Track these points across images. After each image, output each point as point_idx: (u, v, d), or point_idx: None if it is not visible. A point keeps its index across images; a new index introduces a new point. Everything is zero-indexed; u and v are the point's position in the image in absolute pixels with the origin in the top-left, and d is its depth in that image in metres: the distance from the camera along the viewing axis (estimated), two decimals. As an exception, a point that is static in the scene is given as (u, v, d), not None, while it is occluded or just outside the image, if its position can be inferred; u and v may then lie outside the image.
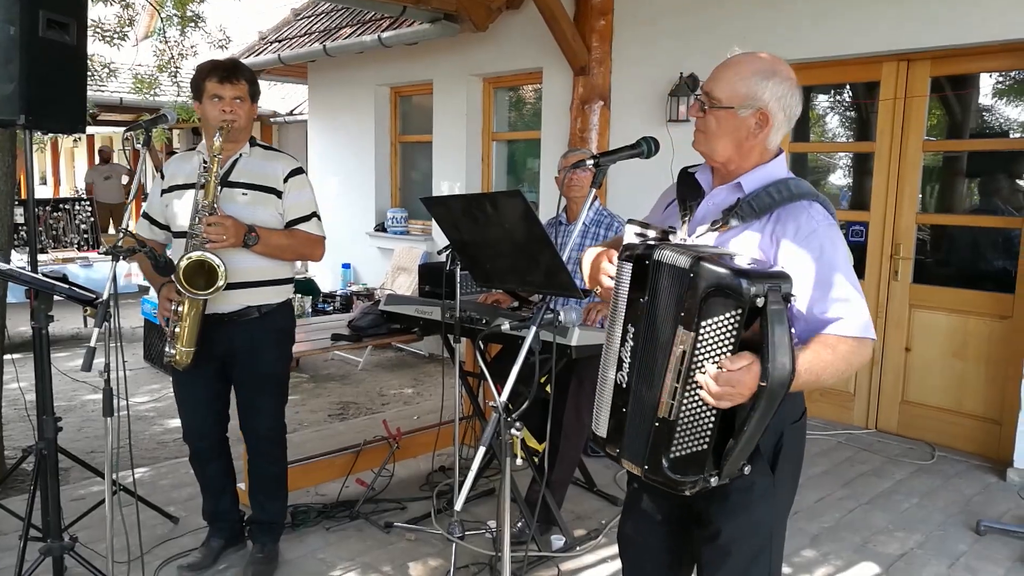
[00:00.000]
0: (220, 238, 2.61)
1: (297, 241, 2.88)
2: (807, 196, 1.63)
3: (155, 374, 6.23)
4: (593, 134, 5.58)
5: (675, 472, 1.53)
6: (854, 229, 4.88)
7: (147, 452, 4.50)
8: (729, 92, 1.64)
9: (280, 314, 2.95)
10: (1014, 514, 3.69)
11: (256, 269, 2.81)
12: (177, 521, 3.44)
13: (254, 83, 2.83)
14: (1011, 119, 4.58)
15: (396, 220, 7.55)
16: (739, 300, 1.40)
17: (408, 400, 5.70)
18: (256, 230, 2.71)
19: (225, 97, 2.71)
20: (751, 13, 4.83)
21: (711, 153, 1.70)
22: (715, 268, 1.43)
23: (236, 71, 2.76)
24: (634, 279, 1.56)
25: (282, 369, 3.02)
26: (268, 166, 2.85)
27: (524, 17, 6.00)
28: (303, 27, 8.37)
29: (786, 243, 1.59)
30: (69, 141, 15.98)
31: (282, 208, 2.86)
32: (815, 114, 5.38)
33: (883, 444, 4.59)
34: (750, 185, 1.66)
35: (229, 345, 2.84)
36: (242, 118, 2.75)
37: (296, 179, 2.88)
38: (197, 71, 2.79)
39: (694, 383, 1.47)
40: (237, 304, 2.82)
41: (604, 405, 1.65)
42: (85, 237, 8.78)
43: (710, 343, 1.45)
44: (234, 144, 2.81)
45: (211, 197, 2.63)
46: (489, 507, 3.65)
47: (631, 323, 1.57)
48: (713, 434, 1.50)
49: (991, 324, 4.36)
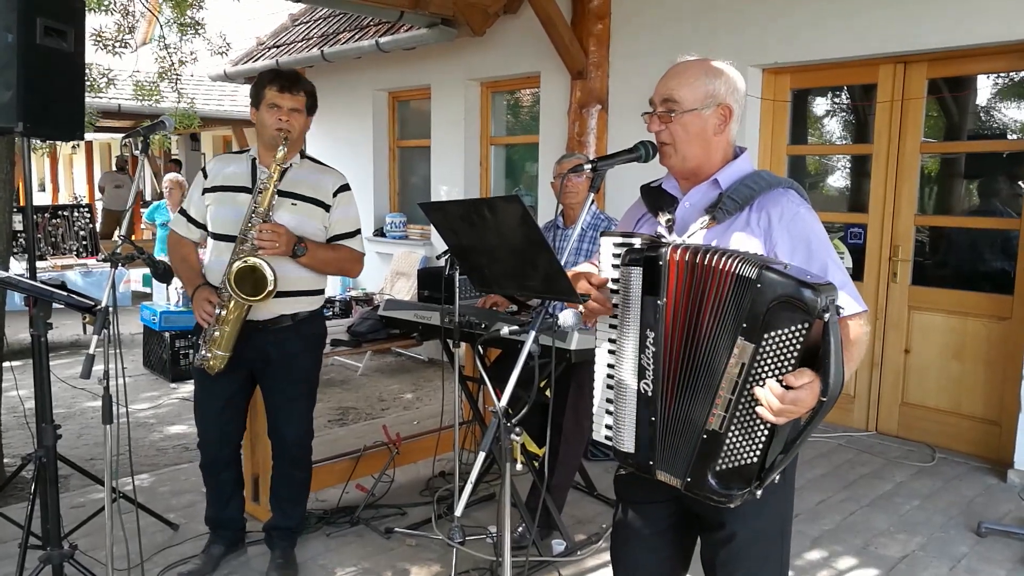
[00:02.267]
0: (273, 245, 2.63)
1: (341, 256, 2.91)
2: (782, 183, 1.70)
3: (154, 380, 6.23)
4: (591, 138, 5.59)
5: (721, 485, 1.50)
6: (853, 231, 4.88)
7: (147, 459, 4.49)
8: (690, 95, 1.68)
9: (313, 321, 2.96)
10: (1015, 515, 3.69)
11: (297, 279, 2.82)
12: (177, 528, 3.43)
13: (312, 96, 2.86)
14: (1008, 120, 4.59)
15: (395, 225, 7.56)
16: (807, 313, 1.37)
17: (408, 405, 5.70)
18: (305, 242, 2.73)
19: (283, 107, 2.74)
20: (747, 17, 4.84)
21: (682, 162, 1.72)
22: (783, 279, 1.39)
23: (297, 82, 2.79)
24: (646, 281, 1.54)
25: (314, 375, 3.04)
26: (318, 179, 2.88)
27: (521, 21, 6.01)
28: (301, 32, 8.38)
29: (775, 228, 1.63)
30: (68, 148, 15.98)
31: (328, 222, 2.88)
32: (813, 117, 5.39)
33: (883, 446, 4.58)
34: (726, 180, 1.70)
35: (261, 352, 2.85)
36: (296, 129, 2.78)
37: (345, 195, 2.92)
38: (258, 77, 2.82)
39: (750, 396, 1.44)
40: (272, 312, 2.83)
41: (626, 416, 1.61)
42: (84, 244, 8.78)
43: (771, 356, 1.42)
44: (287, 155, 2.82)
45: (267, 204, 2.66)
46: (490, 512, 3.65)
47: (649, 328, 1.54)
48: (764, 447, 1.47)
49: (990, 325, 4.36)
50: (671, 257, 1.52)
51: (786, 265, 1.45)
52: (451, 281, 3.07)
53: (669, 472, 1.60)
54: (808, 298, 1.36)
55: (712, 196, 1.70)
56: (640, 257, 1.55)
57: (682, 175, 1.76)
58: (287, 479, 3.06)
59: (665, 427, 1.57)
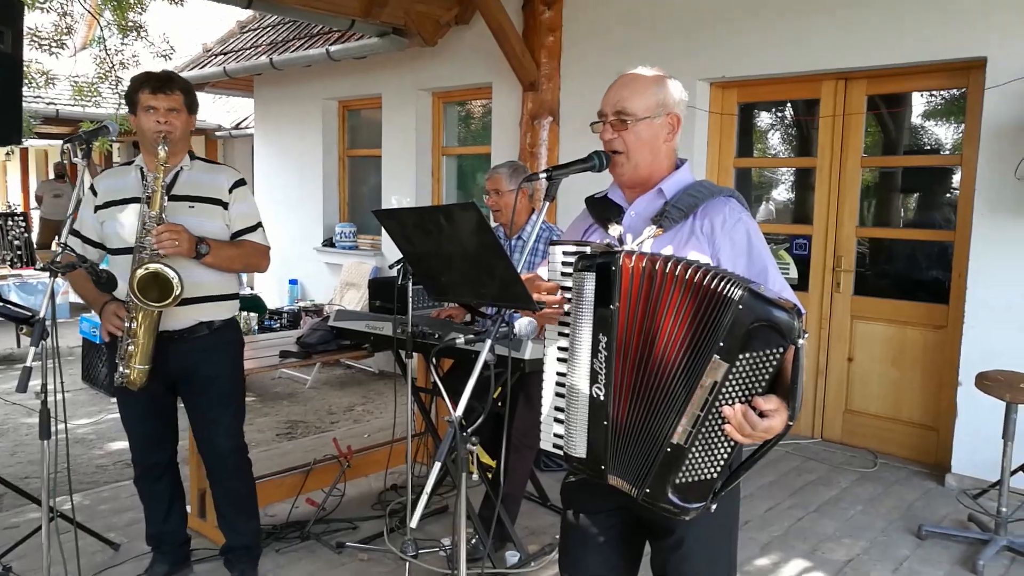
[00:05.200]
0: (173, 244, 2.55)
1: (246, 251, 2.84)
2: (724, 192, 1.76)
3: (93, 395, 6.01)
4: (543, 149, 5.62)
5: (679, 498, 1.52)
6: (798, 242, 5.01)
7: (85, 476, 4.33)
8: (642, 104, 1.73)
9: (230, 328, 2.90)
10: (953, 518, 3.81)
11: (206, 283, 2.75)
12: (118, 548, 3.32)
13: (190, 93, 2.77)
14: (941, 136, 4.77)
15: (344, 235, 7.47)
16: (783, 338, 1.39)
17: (358, 418, 5.62)
18: (207, 241, 2.66)
19: (159, 108, 2.66)
20: (697, 32, 4.94)
21: (634, 170, 1.76)
22: (766, 304, 1.40)
23: (170, 82, 2.70)
24: (600, 287, 1.54)
25: (238, 384, 2.96)
26: (212, 178, 2.81)
27: (473, 32, 6.03)
28: (249, 40, 8.25)
29: (717, 234, 1.68)
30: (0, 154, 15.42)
31: (228, 219, 2.81)
32: (759, 130, 5.52)
33: (828, 453, 4.70)
34: (670, 190, 1.76)
35: (182, 363, 2.77)
36: (178, 129, 2.69)
37: (240, 190, 2.85)
38: (130, 83, 2.74)
39: (718, 414, 1.45)
40: (188, 320, 2.75)
41: (578, 421, 1.61)
42: (19, 254, 8.46)
43: (743, 376, 1.43)
44: (172, 157, 2.73)
45: (158, 208, 2.57)
46: (442, 525, 3.62)
47: (602, 332, 1.55)
48: (725, 464, 1.49)
49: (927, 334, 4.52)
50: (624, 263, 1.54)
51: (761, 286, 1.47)
52: (404, 291, 3.04)
53: (621, 477, 1.60)
54: (787, 323, 1.38)
55: (657, 205, 1.75)
56: (594, 264, 1.56)
57: (631, 183, 1.79)
58: (227, 493, 2.98)
59: (618, 432, 1.58)
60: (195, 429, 2.94)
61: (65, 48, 7.63)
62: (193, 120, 2.81)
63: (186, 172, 2.78)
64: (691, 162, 1.88)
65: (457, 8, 6.01)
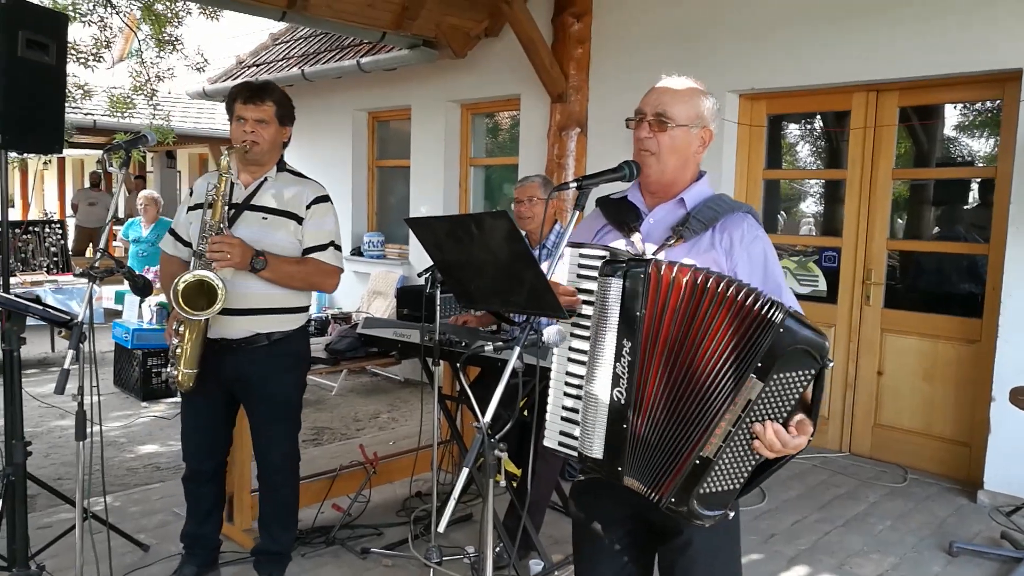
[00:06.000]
0: (224, 257, 2.58)
1: (308, 269, 2.81)
2: (742, 208, 1.78)
3: (125, 399, 6.12)
4: (570, 160, 5.64)
5: (701, 506, 1.56)
6: (827, 255, 4.97)
7: (116, 479, 4.40)
8: (683, 112, 1.75)
9: (292, 341, 2.88)
10: (985, 535, 3.74)
11: (264, 296, 2.75)
12: (147, 549, 3.37)
13: (283, 105, 2.80)
14: (974, 148, 4.71)
15: (373, 244, 7.54)
16: (816, 361, 1.47)
17: (383, 425, 5.66)
18: (265, 255, 2.66)
19: (247, 119, 2.70)
20: (725, 44, 4.94)
21: (661, 173, 1.77)
22: (804, 328, 1.47)
23: (261, 92, 2.74)
24: (627, 294, 1.56)
25: (293, 396, 2.96)
26: (293, 191, 2.82)
27: (502, 44, 6.08)
28: (281, 52, 8.39)
29: (736, 249, 1.70)
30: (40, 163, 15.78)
31: (301, 235, 2.81)
32: (788, 142, 5.49)
33: (857, 467, 4.63)
34: (692, 201, 1.77)
35: (238, 372, 2.80)
36: (265, 141, 2.73)
37: (320, 207, 2.84)
38: (229, 92, 2.80)
39: (748, 430, 1.51)
40: (245, 331, 2.77)
41: (597, 423, 1.62)
42: (55, 260, 8.63)
43: (776, 396, 1.49)
44: (259, 167, 2.79)
45: (218, 216, 2.61)
46: (466, 532, 3.63)
47: (627, 338, 1.57)
48: (750, 476, 1.55)
49: (959, 348, 4.45)
50: (653, 272, 1.55)
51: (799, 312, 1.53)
52: (432, 299, 3.06)
53: (638, 479, 1.62)
54: (822, 348, 1.46)
55: (678, 215, 1.77)
56: (623, 270, 1.57)
57: (655, 188, 1.81)
58: (269, 502, 3.02)
59: (638, 436, 1.60)
60: (252, 436, 2.97)
61: (102, 61, 7.82)
62: (286, 132, 2.84)
63: (270, 183, 2.81)
64: (720, 173, 1.90)
65: (487, 20, 6.06)
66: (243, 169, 2.81)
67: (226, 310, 2.65)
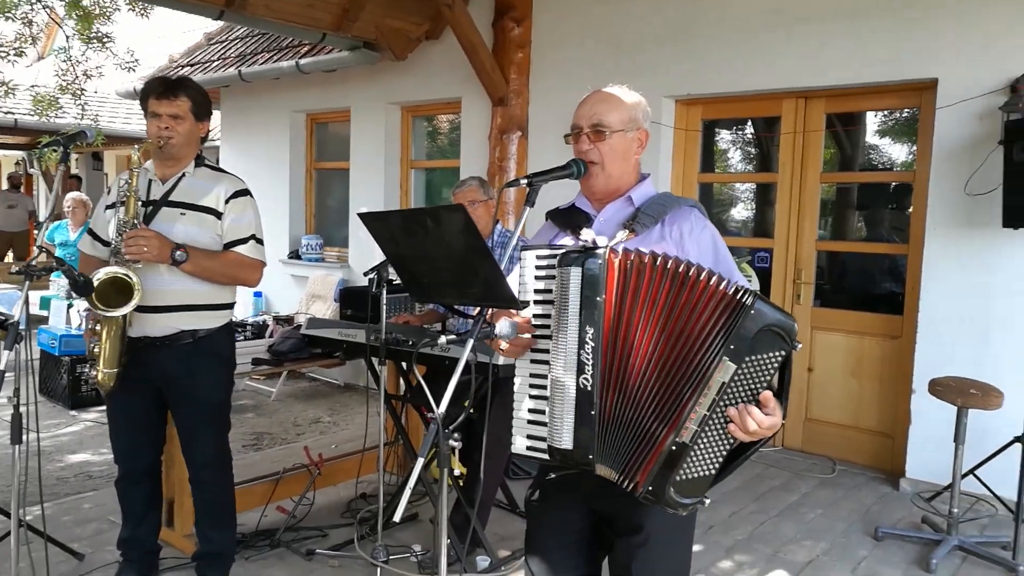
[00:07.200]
0: (141, 251, 2.52)
1: (230, 262, 2.78)
2: (687, 203, 1.87)
3: (52, 408, 5.89)
4: (511, 163, 5.70)
5: (679, 494, 1.58)
6: (759, 256, 5.15)
7: (46, 488, 4.22)
8: (618, 118, 1.84)
9: (217, 339, 2.84)
10: (908, 520, 3.95)
11: (188, 292, 2.71)
12: (83, 558, 3.27)
13: (198, 100, 2.76)
14: (894, 154, 4.97)
15: (311, 247, 7.45)
16: (785, 343, 1.51)
17: (324, 430, 5.60)
18: (186, 248, 2.62)
19: (161, 114, 2.66)
20: (662, 51, 5.07)
21: (607, 180, 1.86)
22: (773, 310, 1.51)
23: (175, 87, 2.70)
24: (585, 282, 1.59)
25: (221, 396, 2.91)
26: (210, 186, 2.78)
27: (444, 47, 6.10)
28: (216, 52, 8.22)
29: (686, 240, 1.78)
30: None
31: (221, 230, 2.77)
32: (721, 147, 5.67)
33: (789, 460, 4.82)
34: (639, 199, 1.87)
35: (163, 371, 2.74)
36: (180, 136, 2.69)
37: (239, 200, 2.80)
38: (142, 88, 2.75)
39: (723, 414, 1.54)
40: (169, 328, 2.72)
41: (564, 413, 1.63)
42: (-27, 264, 8.25)
43: (748, 378, 1.52)
44: (176, 162, 2.75)
45: (131, 213, 2.57)
46: (412, 532, 3.64)
47: (588, 324, 1.59)
48: (724, 461, 1.58)
49: (883, 344, 4.68)
50: (610, 259, 1.60)
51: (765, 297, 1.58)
52: (378, 299, 3.07)
53: (610, 467, 1.65)
54: (792, 330, 1.51)
55: (627, 212, 1.85)
56: (579, 259, 1.62)
57: (602, 194, 1.89)
58: (206, 503, 2.97)
59: (606, 421, 1.63)
60: (180, 435, 2.92)
61: (24, 56, 7.51)
62: (202, 127, 2.79)
63: (187, 179, 2.77)
64: (657, 177, 1.99)
65: (428, 24, 6.08)
66: (160, 165, 2.77)
67: (148, 307, 2.61)
